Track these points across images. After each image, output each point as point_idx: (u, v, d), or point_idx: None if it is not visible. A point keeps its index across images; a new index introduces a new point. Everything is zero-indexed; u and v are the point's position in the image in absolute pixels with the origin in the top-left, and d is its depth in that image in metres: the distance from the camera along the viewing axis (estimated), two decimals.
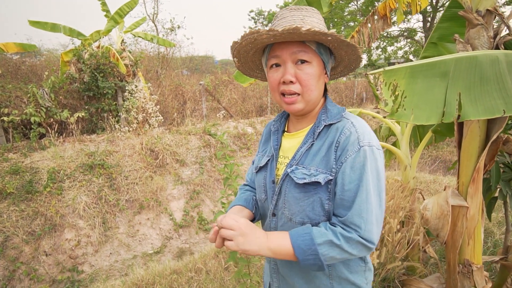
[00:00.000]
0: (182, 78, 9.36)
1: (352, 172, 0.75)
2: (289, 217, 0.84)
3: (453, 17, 1.66)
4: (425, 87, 0.89)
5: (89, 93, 5.58)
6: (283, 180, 0.84)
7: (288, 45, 0.78)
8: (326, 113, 0.84)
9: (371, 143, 0.77)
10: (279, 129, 0.95)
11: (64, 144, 5.30)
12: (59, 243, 4.33)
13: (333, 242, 0.73)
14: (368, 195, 0.74)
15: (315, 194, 0.79)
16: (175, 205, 5.39)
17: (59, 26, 5.80)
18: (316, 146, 0.82)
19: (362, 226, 0.73)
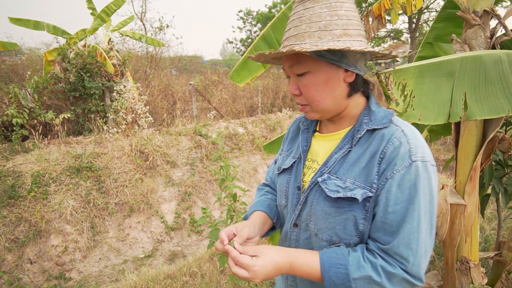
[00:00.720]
0: (171, 78, 9.21)
1: (399, 192, 0.63)
2: (315, 232, 0.72)
3: (449, 17, 1.68)
4: (433, 86, 0.89)
5: (75, 93, 5.40)
6: (311, 188, 0.73)
7: (285, 59, 0.73)
8: (370, 115, 0.72)
9: (425, 157, 0.64)
10: (309, 128, 0.84)
11: (49, 146, 5.11)
12: (44, 249, 4.16)
13: (372, 279, 0.62)
14: (419, 222, 0.62)
15: (349, 212, 0.67)
16: (166, 207, 5.29)
17: (42, 24, 5.58)
18: (354, 154, 0.70)
19: (410, 259, 0.62)
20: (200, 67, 16.27)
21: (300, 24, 0.68)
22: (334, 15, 0.66)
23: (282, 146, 0.94)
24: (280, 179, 0.85)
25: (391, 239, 0.64)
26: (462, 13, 1.36)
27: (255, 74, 2.09)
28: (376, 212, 0.66)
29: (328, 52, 0.66)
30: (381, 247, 0.65)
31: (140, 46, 8.01)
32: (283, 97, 9.46)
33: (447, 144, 7.82)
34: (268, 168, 1.02)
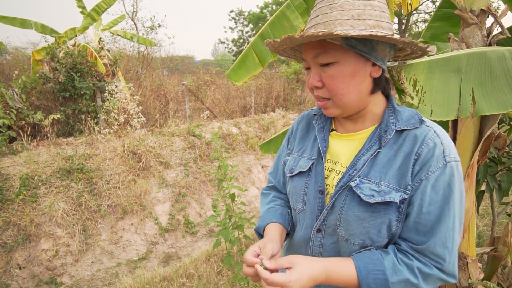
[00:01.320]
0: (162, 78, 9.11)
1: (434, 193, 0.63)
2: (345, 237, 0.70)
3: (445, 17, 1.71)
4: (442, 82, 0.89)
5: (64, 93, 5.27)
6: (340, 193, 0.70)
7: (309, 48, 0.68)
8: (396, 115, 0.70)
9: (457, 158, 0.66)
10: (325, 127, 0.79)
11: (38, 148, 4.97)
12: (34, 254, 4.04)
13: (410, 281, 0.62)
14: (454, 221, 0.63)
15: (385, 215, 0.65)
16: (160, 208, 5.21)
17: (30, 22, 5.43)
18: (384, 155, 0.68)
19: (447, 258, 0.63)
20: (192, 67, 16.14)
21: (330, 12, 0.64)
22: (368, 5, 0.64)
23: (288, 145, 0.89)
24: (295, 182, 0.79)
25: (425, 239, 0.63)
26: (459, 12, 1.38)
27: (252, 72, 2.08)
28: (410, 212, 0.65)
29: (359, 42, 0.63)
30: (415, 248, 0.64)
31: (132, 46, 7.90)
32: (276, 97, 9.47)
33: None
34: (271, 169, 0.95)
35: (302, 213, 0.78)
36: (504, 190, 1.93)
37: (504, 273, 1.77)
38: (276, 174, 0.93)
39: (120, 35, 6.59)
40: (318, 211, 0.74)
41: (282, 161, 0.90)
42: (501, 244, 1.77)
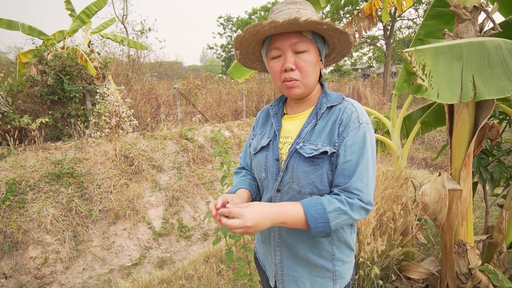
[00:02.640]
0: (152, 83, 9.02)
1: (353, 145, 0.85)
2: (298, 190, 0.90)
3: (438, 15, 1.79)
4: (446, 68, 0.94)
5: (53, 97, 5.14)
6: (290, 157, 0.91)
7: (287, 37, 0.85)
8: (326, 97, 0.94)
9: (368, 121, 0.88)
10: (278, 112, 1.02)
11: (25, 152, 4.80)
12: (21, 262, 3.87)
13: (341, 209, 0.81)
14: (367, 164, 0.85)
15: (322, 167, 0.87)
16: (154, 212, 5.11)
17: (17, 24, 5.29)
18: (319, 125, 0.90)
19: (364, 190, 0.83)
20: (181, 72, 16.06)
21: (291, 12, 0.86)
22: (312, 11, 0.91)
23: (253, 132, 1.11)
24: (258, 157, 1.00)
25: (348, 180, 0.84)
26: (454, 9, 1.46)
27: (254, 70, 2.11)
28: (337, 162, 0.86)
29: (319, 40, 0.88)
30: (343, 187, 0.84)
31: (121, 49, 7.80)
32: (267, 100, 9.55)
33: (425, 144, 8.22)
34: (241, 154, 1.17)
35: (265, 180, 0.98)
36: (496, 180, 2.01)
37: (500, 259, 1.84)
38: (245, 157, 1.14)
39: (110, 38, 6.51)
40: (276, 174, 0.94)
41: (248, 144, 1.11)
42: (496, 231, 1.85)
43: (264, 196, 1.02)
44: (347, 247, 0.97)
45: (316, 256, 0.94)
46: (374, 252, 1.65)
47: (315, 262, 0.94)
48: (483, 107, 1.53)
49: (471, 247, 1.73)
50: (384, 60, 14.77)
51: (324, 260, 0.94)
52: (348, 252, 0.98)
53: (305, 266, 0.95)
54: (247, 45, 0.92)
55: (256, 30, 0.83)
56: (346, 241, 0.96)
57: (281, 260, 0.98)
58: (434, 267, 1.93)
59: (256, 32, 0.84)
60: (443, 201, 1.63)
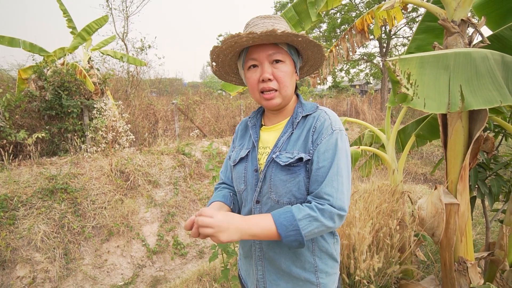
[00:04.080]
0: (151, 99, 9.09)
1: (326, 152, 0.86)
2: (276, 199, 0.90)
3: (428, 29, 1.82)
4: (432, 78, 0.93)
5: (51, 112, 5.15)
6: (268, 166, 0.92)
7: (264, 48, 0.88)
8: (302, 106, 0.97)
9: (341, 128, 0.90)
10: (256, 124, 1.04)
11: (19, 167, 4.75)
12: (8, 282, 3.73)
13: (311, 215, 0.80)
14: (339, 169, 0.85)
15: (299, 175, 0.87)
16: (148, 229, 4.99)
17: (18, 41, 5.39)
18: (295, 134, 0.92)
19: (334, 195, 0.82)
20: (181, 88, 16.27)
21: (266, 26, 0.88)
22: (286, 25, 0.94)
23: (232, 145, 1.12)
24: (237, 168, 1.01)
25: (319, 185, 0.84)
26: (443, 22, 1.47)
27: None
28: (311, 169, 0.87)
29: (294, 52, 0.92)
30: (314, 194, 0.85)
31: (121, 66, 7.92)
32: None
33: (423, 159, 8.18)
34: (222, 169, 1.17)
35: (245, 192, 0.98)
36: (494, 195, 1.96)
37: (503, 277, 1.76)
38: (226, 171, 1.13)
39: (110, 55, 6.62)
40: (255, 185, 0.94)
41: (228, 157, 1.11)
42: (498, 248, 1.78)
43: (243, 209, 1.01)
44: (330, 258, 0.96)
45: (298, 268, 0.92)
46: (370, 270, 1.57)
47: (298, 275, 0.92)
48: (476, 118, 1.52)
49: (471, 264, 1.66)
50: (381, 76, 15.00)
51: (307, 273, 0.92)
52: (331, 263, 0.96)
53: (288, 280, 0.93)
54: (224, 56, 0.93)
55: (234, 41, 0.84)
56: (328, 252, 0.95)
57: (263, 275, 0.95)
58: (434, 286, 1.84)
59: (234, 43, 0.86)
60: (440, 215, 1.58)
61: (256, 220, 0.82)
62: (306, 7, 1.78)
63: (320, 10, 1.80)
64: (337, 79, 17.28)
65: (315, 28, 16.00)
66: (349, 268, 1.74)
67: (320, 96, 16.50)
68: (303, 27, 1.85)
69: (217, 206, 0.98)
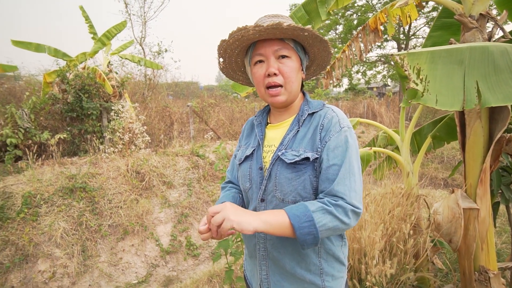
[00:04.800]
0: (168, 101, 9.30)
1: (336, 149, 0.84)
2: (281, 198, 0.89)
3: (444, 26, 1.74)
4: (445, 73, 0.88)
5: (72, 114, 5.38)
6: (273, 164, 0.90)
7: (270, 43, 0.88)
8: (308, 104, 0.96)
9: (349, 125, 0.89)
10: (262, 122, 1.03)
11: (42, 167, 4.98)
12: (30, 275, 3.89)
13: (325, 208, 0.78)
14: (351, 167, 0.83)
15: (305, 173, 0.86)
16: (162, 229, 5.07)
17: (44, 47, 5.68)
18: (301, 132, 0.91)
19: (347, 193, 0.80)
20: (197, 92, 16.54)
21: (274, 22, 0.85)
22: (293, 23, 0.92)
23: (239, 144, 1.11)
24: (243, 167, 1.00)
25: (331, 184, 0.81)
26: (459, 17, 1.40)
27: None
28: (321, 168, 0.85)
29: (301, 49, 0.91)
30: (325, 192, 0.82)
31: (139, 69, 8.17)
32: None
33: (444, 163, 7.84)
34: (228, 168, 1.16)
35: (250, 190, 0.97)
36: None
37: None
38: (232, 171, 1.13)
39: (128, 59, 6.85)
40: (260, 183, 0.93)
41: (234, 156, 1.11)
42: None
43: (248, 208, 1.00)
44: (337, 261, 0.93)
45: (303, 270, 0.89)
46: (382, 276, 1.51)
47: (303, 277, 0.89)
48: (498, 118, 1.43)
49: (494, 274, 1.55)
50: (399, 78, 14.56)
51: (312, 275, 0.89)
52: (338, 266, 0.93)
53: (293, 281, 0.90)
54: (231, 51, 0.93)
55: (241, 35, 0.84)
56: (335, 254, 0.92)
57: (267, 275, 0.94)
58: None
59: (241, 37, 0.85)
60: (458, 220, 1.50)
61: (269, 212, 0.81)
62: (316, 6, 1.75)
63: (330, 9, 1.77)
64: (354, 81, 16.97)
65: (331, 30, 15.84)
66: (360, 274, 1.68)
67: (336, 98, 16.25)
68: (313, 26, 1.83)
69: None
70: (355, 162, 0.85)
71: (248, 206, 1.01)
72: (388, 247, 1.64)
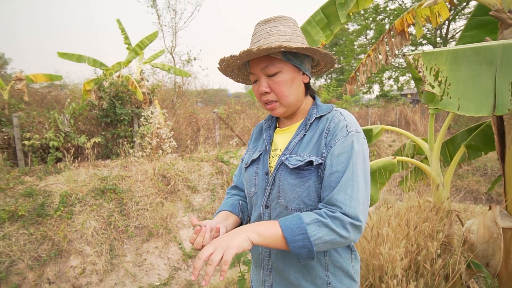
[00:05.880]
0: (196, 108, 9.60)
1: (340, 155, 0.79)
2: (284, 205, 0.86)
3: (480, 24, 1.59)
4: (471, 75, 0.78)
5: (106, 119, 5.74)
6: (277, 169, 0.88)
7: (257, 62, 0.86)
8: (317, 108, 0.93)
9: (358, 130, 0.84)
10: (271, 126, 1.02)
11: (78, 168, 5.34)
12: (63, 270, 4.15)
13: (320, 220, 0.73)
14: (354, 174, 0.77)
15: (309, 180, 0.82)
16: (185, 233, 5.17)
17: (84, 57, 6.17)
18: (308, 136, 0.88)
19: (347, 202, 0.75)
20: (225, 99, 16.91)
21: (269, 37, 0.85)
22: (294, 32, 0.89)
23: (247, 148, 1.10)
24: (249, 171, 0.98)
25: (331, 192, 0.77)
26: (495, 13, 1.27)
27: None
28: (324, 174, 0.81)
29: (293, 57, 0.86)
30: (325, 201, 0.78)
31: (169, 77, 8.54)
32: None
33: (487, 175, 7.16)
34: (236, 172, 1.14)
35: (255, 196, 0.94)
36: None
37: None
38: (239, 175, 1.11)
39: (159, 67, 7.20)
40: (265, 189, 0.90)
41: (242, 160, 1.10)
42: None
43: (253, 214, 0.97)
44: (346, 276, 0.87)
45: (309, 283, 0.85)
46: None
47: None
48: None
49: None
50: None
51: None
52: (348, 281, 0.87)
53: None
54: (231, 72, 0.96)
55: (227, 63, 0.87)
56: (343, 268, 0.86)
57: (270, 286, 0.90)
58: None
59: (228, 65, 0.88)
60: (496, 242, 1.33)
61: (262, 223, 0.78)
62: (335, 9, 1.69)
63: (350, 11, 1.70)
64: (385, 88, 16.26)
65: (361, 35, 15.40)
66: None
67: (366, 105, 15.68)
68: (332, 30, 1.76)
69: (224, 216, 0.95)
70: (360, 170, 0.79)
71: (252, 212, 0.98)
72: (414, 266, 1.50)
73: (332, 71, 20.95)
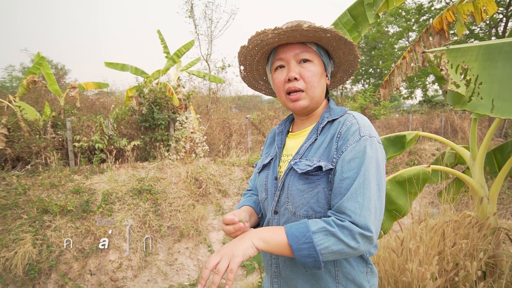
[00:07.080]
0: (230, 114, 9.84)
1: (352, 161, 0.75)
2: (293, 211, 0.83)
3: None
4: (509, 73, 0.69)
5: (145, 124, 6.12)
6: (286, 174, 0.85)
7: (290, 47, 0.84)
8: (330, 111, 0.89)
9: (372, 134, 0.79)
10: (283, 131, 0.99)
11: (119, 169, 5.74)
12: (103, 263, 4.46)
13: (328, 229, 0.70)
14: (365, 181, 0.73)
15: (318, 185, 0.79)
16: (215, 236, 5.27)
17: (127, 66, 6.68)
18: (319, 140, 0.85)
19: (357, 211, 0.70)
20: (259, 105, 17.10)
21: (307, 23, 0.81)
22: None
23: (261, 153, 1.07)
24: (260, 176, 0.96)
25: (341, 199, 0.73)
26: None
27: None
28: (334, 180, 0.77)
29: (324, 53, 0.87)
30: (334, 208, 0.75)
31: (204, 83, 8.89)
32: None
33: None
34: (252, 177, 1.12)
35: (266, 201, 0.92)
36: None
37: None
38: (254, 180, 1.09)
39: (195, 74, 7.54)
40: (274, 194, 0.88)
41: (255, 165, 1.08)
42: None
43: (265, 218, 0.95)
44: None
45: None
46: None
47: None
48: None
49: None
50: None
51: None
52: None
53: None
54: (251, 58, 0.90)
55: (260, 39, 0.81)
56: (356, 281, 0.81)
57: None
58: None
59: (260, 42, 0.82)
60: None
61: (268, 229, 0.77)
62: (363, 10, 1.62)
63: (379, 11, 1.61)
64: (429, 93, 15.15)
65: (402, 38, 14.60)
66: None
67: (408, 112, 14.74)
68: (359, 31, 1.68)
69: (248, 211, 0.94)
70: (373, 177, 0.74)
71: (264, 218, 0.96)
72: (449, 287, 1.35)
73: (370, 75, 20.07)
